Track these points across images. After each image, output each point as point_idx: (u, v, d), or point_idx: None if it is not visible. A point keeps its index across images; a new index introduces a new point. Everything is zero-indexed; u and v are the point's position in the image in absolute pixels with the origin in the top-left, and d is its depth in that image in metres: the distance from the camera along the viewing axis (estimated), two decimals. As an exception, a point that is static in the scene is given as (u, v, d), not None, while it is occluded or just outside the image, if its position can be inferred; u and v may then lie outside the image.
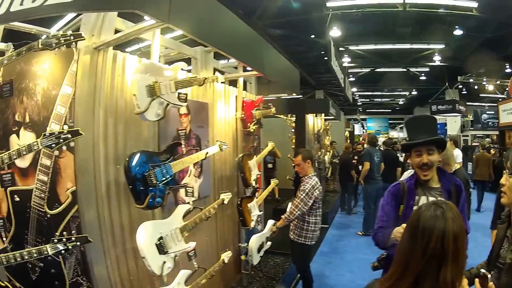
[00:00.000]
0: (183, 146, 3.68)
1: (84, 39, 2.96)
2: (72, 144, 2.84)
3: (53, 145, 2.77)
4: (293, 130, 11.52)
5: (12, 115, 3.37)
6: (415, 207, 2.99)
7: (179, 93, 3.40)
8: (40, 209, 3.23)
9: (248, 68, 5.17)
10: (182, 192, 3.98)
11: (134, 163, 3.13)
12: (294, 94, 7.45)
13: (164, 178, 3.29)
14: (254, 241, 5.17)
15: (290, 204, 5.22)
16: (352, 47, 17.59)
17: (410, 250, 1.63)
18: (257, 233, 5.42)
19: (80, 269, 3.24)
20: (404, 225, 2.26)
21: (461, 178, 3.73)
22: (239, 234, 5.59)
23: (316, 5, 12.17)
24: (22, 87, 3.31)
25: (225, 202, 4.19)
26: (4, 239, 3.33)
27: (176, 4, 3.00)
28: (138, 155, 3.19)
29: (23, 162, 3.25)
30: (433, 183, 3.16)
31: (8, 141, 3.38)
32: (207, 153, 3.90)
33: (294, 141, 10.97)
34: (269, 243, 5.53)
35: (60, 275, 3.24)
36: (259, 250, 5.28)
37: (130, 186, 3.14)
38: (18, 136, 3.35)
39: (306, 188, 5.05)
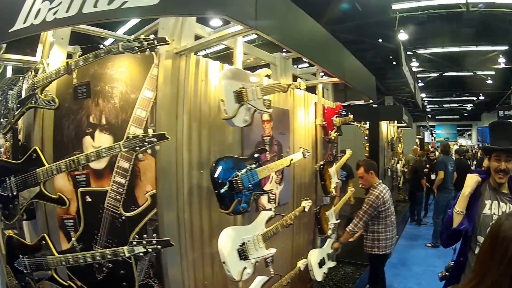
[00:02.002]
0: (267, 152, 3.64)
1: (169, 43, 2.98)
2: (157, 147, 2.85)
3: (137, 148, 2.81)
4: (366, 138, 11.23)
5: (86, 117, 3.39)
6: (487, 211, 3.07)
7: (264, 99, 3.39)
8: (114, 210, 3.25)
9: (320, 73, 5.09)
10: (263, 198, 3.96)
11: (221, 168, 3.14)
12: (370, 101, 7.28)
13: (250, 184, 3.28)
14: (313, 255, 5.00)
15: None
16: (419, 51, 17.00)
17: (489, 258, 1.66)
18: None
19: (153, 271, 3.25)
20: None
21: None
22: (313, 242, 5.49)
23: (382, 8, 11.91)
24: (97, 90, 3.33)
25: (306, 209, 4.15)
26: (73, 239, 3.34)
27: (262, 9, 2.96)
28: (225, 160, 3.20)
29: (98, 164, 3.26)
30: (503, 189, 3.13)
31: (81, 142, 3.39)
32: (291, 159, 3.86)
33: (367, 149, 10.67)
34: (334, 262, 5.37)
35: (129, 276, 3.25)
36: (320, 265, 5.13)
37: (216, 191, 3.13)
38: (92, 138, 3.36)
39: (370, 200, 4.99)
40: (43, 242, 3.15)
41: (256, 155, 3.49)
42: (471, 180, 3.12)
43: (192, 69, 3.41)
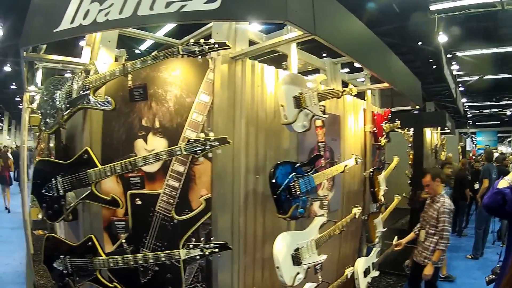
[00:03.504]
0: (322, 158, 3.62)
1: (230, 47, 2.94)
2: (219, 151, 2.82)
3: (199, 151, 2.78)
4: (410, 145, 10.96)
5: (138, 120, 3.39)
6: None
7: (319, 105, 3.36)
8: (166, 214, 3.25)
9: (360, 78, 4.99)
10: (315, 204, 3.93)
11: (280, 172, 3.14)
12: (417, 106, 7.12)
13: (307, 189, 3.27)
14: (360, 263, 4.90)
15: (422, 232, 4.76)
16: (459, 53, 16.52)
17: None
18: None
19: (202, 275, 3.25)
20: None
21: None
22: (359, 251, 5.41)
23: (420, 9, 11.64)
24: (150, 93, 3.31)
25: (357, 216, 4.08)
26: (123, 241, 3.30)
27: (318, 15, 2.93)
28: (283, 165, 3.20)
29: (151, 167, 3.24)
30: None
31: (133, 145, 3.39)
32: (346, 166, 3.83)
33: (411, 157, 10.40)
34: (377, 272, 5.26)
35: (176, 280, 3.22)
36: (365, 274, 5.02)
37: (275, 196, 3.13)
38: (145, 141, 3.37)
39: (447, 209, 4.58)
40: (90, 243, 3.11)
41: (312, 161, 3.46)
42: None
43: (249, 74, 3.42)
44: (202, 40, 2.89)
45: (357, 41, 3.99)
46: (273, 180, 3.12)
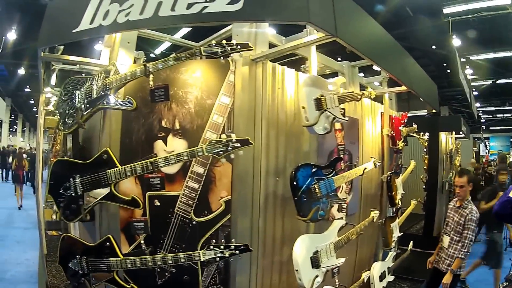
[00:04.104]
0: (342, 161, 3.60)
1: (252, 49, 2.95)
2: (241, 152, 2.80)
3: (221, 152, 2.77)
4: (425, 150, 10.84)
5: (158, 121, 3.39)
6: None
7: (340, 108, 3.34)
8: (185, 215, 3.25)
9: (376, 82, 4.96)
10: (333, 207, 3.87)
11: (300, 175, 3.13)
12: (433, 110, 7.07)
13: (327, 192, 3.26)
14: (376, 268, 4.81)
15: (446, 238, 4.57)
16: (473, 57, 16.35)
17: None
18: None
19: (220, 278, 3.25)
20: None
21: None
22: (375, 255, 5.36)
23: (434, 12, 11.56)
24: (170, 94, 3.28)
25: (375, 220, 4.05)
26: (141, 242, 3.22)
27: (339, 17, 2.92)
28: (304, 167, 3.20)
29: (170, 168, 3.23)
30: None
31: (152, 146, 3.39)
32: (365, 168, 3.81)
33: (426, 161, 10.27)
34: (392, 277, 5.18)
35: (193, 282, 3.22)
36: (381, 279, 4.96)
37: (295, 198, 3.12)
38: (165, 142, 3.37)
39: (474, 216, 4.40)
40: (108, 243, 3.09)
41: (332, 163, 3.45)
42: None
43: (269, 76, 3.42)
44: (224, 41, 2.89)
45: (376, 43, 3.98)
46: (294, 182, 3.11)
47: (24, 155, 14.55)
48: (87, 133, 3.70)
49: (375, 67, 4.18)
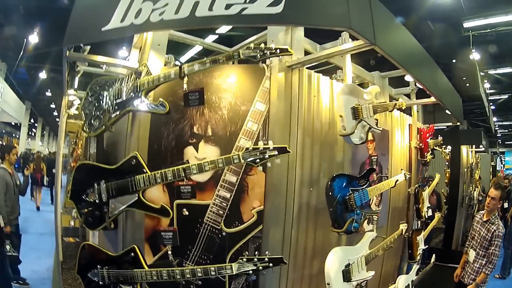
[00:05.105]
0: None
1: (292, 53, 2.84)
2: (278, 161, 2.73)
3: (258, 160, 2.67)
4: (447, 163, 10.70)
5: (189, 127, 3.29)
6: None
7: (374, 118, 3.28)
8: (215, 226, 3.15)
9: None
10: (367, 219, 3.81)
11: (336, 185, 3.07)
12: (458, 123, 6.98)
13: (361, 203, 3.20)
14: (401, 281, 4.62)
15: (472, 252, 4.47)
16: (491, 71, 16.24)
17: None
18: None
19: None
20: None
21: None
22: (399, 268, 5.25)
23: (454, 26, 11.51)
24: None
25: (403, 232, 3.97)
26: (169, 253, 3.04)
27: (377, 25, 2.86)
28: (340, 177, 3.14)
29: (201, 176, 3.13)
30: None
31: (182, 152, 3.28)
32: (397, 180, 3.74)
33: (448, 175, 10.13)
34: None
35: None
36: None
37: (330, 209, 3.06)
38: (196, 149, 3.25)
39: (500, 232, 4.30)
40: (132, 254, 2.96)
41: (366, 174, 3.38)
42: None
43: (305, 83, 3.35)
44: (262, 45, 2.80)
45: (410, 53, 3.93)
46: (330, 193, 3.06)
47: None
48: (112, 137, 3.60)
49: (407, 78, 4.10)
